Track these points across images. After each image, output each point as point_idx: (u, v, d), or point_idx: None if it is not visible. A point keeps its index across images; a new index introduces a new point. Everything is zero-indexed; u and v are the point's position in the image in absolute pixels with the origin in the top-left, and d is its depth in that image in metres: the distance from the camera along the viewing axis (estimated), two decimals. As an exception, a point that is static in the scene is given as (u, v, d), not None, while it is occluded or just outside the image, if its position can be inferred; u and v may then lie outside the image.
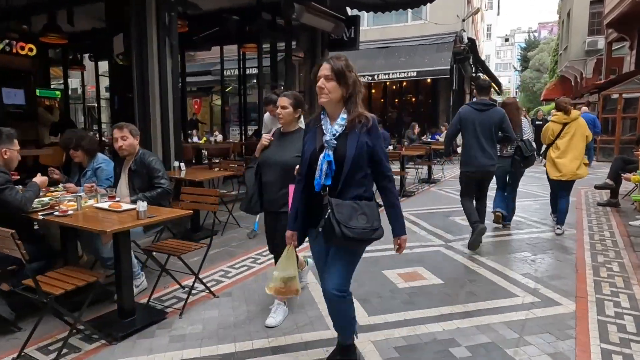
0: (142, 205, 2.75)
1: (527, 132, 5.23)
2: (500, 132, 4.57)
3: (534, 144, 5.23)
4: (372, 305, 3.27)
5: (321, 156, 2.08)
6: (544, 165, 5.42)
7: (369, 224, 2.09)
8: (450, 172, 10.95)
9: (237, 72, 14.64)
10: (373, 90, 18.17)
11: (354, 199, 2.11)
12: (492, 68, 53.11)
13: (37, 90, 8.84)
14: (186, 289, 3.47)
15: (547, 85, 31.24)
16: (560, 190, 5.23)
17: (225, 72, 14.90)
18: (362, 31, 16.81)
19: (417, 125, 14.00)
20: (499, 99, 41.26)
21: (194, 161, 6.90)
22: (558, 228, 5.21)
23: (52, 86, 11.67)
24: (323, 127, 2.15)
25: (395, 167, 8.46)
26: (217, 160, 7.80)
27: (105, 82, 11.90)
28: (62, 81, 10.69)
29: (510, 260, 4.28)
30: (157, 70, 5.12)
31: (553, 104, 32.07)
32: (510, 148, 5.09)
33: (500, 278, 3.77)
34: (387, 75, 14.35)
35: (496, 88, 23.70)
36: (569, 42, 22.90)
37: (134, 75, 5.11)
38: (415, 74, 13.97)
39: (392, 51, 15.23)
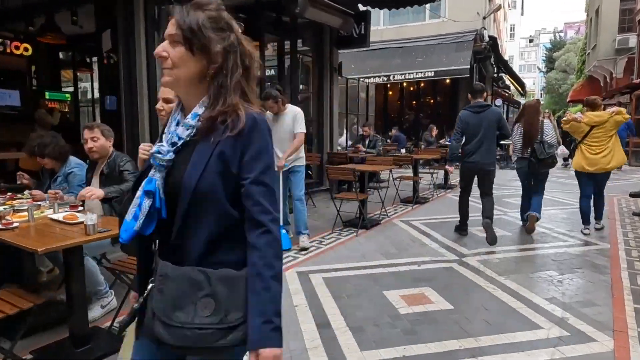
0: (90, 219, 2.35)
1: (549, 135, 5.05)
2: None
3: (555, 147, 5.15)
4: (366, 336, 2.78)
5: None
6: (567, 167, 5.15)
7: (216, 318, 1.07)
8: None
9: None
10: (390, 92, 17.63)
11: (200, 264, 1.10)
12: (515, 69, 51.76)
13: (47, 93, 8.72)
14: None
15: (574, 86, 29.99)
16: (591, 187, 5.16)
17: None
18: (378, 31, 16.35)
19: (434, 128, 13.36)
20: (523, 100, 40.10)
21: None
22: (597, 222, 5.33)
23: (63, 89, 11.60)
24: (166, 130, 1.22)
25: (408, 171, 7.93)
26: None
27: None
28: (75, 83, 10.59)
29: (533, 281, 3.72)
30: (145, 68, 4.77)
31: (580, 106, 30.86)
32: (530, 150, 5.03)
33: (520, 304, 3.22)
34: (403, 76, 13.79)
35: (519, 89, 22.79)
36: (598, 40, 21.84)
37: (121, 73, 4.76)
38: (432, 74, 13.37)
39: (409, 51, 14.66)
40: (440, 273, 3.93)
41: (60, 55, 8.44)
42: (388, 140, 14.04)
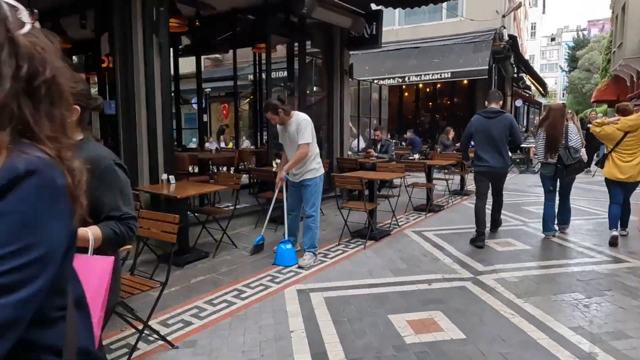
0: None
1: (574, 139, 4.99)
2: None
3: (582, 152, 5.12)
4: (366, 371, 2.49)
5: None
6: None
7: None
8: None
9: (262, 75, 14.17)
10: (406, 93, 17.23)
11: None
12: (536, 69, 50.59)
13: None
14: (145, 333, 2.82)
15: (599, 85, 28.97)
16: (621, 194, 4.99)
17: (249, 76, 14.55)
18: (393, 31, 15.99)
19: (451, 130, 12.92)
20: (544, 101, 39.06)
21: (196, 171, 6.34)
22: (622, 229, 5.13)
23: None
24: None
25: (420, 178, 7.58)
26: (224, 170, 7.25)
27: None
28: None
29: (557, 306, 3.36)
30: (143, 72, 4.58)
31: (605, 106, 29.79)
32: (555, 154, 4.97)
33: (542, 334, 2.88)
34: (418, 77, 13.40)
35: (541, 89, 22.09)
36: (624, 38, 20.95)
37: (118, 77, 4.59)
38: (449, 75, 12.95)
39: (425, 51, 14.26)
40: (452, 294, 3.61)
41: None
42: (403, 144, 13.69)
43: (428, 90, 16.71)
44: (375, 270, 4.18)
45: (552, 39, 75.28)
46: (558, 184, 5.21)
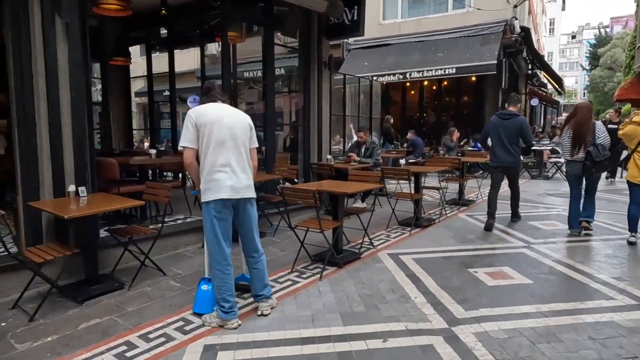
0: None
1: (601, 137, 4.99)
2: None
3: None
4: None
5: None
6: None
7: None
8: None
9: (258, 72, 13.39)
10: (412, 92, 16.12)
11: None
12: (555, 67, 48.89)
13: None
14: None
15: (622, 84, 27.31)
16: None
17: (245, 74, 13.69)
18: (396, 24, 14.92)
19: (455, 131, 11.83)
20: (562, 100, 37.34)
21: (137, 178, 5.40)
22: (632, 235, 4.94)
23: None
24: None
25: (406, 186, 6.54)
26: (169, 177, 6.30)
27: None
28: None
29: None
30: (42, 60, 3.70)
31: (629, 105, 28.12)
32: (582, 152, 5.02)
33: None
34: (420, 74, 12.31)
35: (557, 87, 20.70)
36: (650, 32, 19.45)
37: (10, 65, 3.71)
38: (454, 70, 11.83)
39: (429, 45, 13.15)
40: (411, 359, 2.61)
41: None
42: (404, 145, 12.63)
43: (434, 87, 15.57)
44: (321, 315, 3.20)
45: (573, 37, 72.90)
46: (584, 181, 5.29)
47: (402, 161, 6.32)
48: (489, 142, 5.86)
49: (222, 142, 2.92)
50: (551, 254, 4.59)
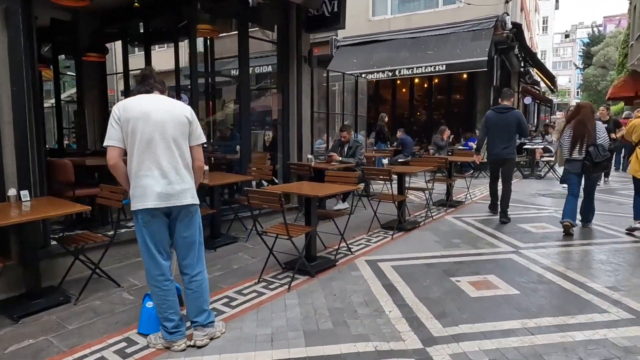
0: None
1: (602, 137, 5.01)
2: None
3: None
4: None
5: None
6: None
7: None
8: (481, 190, 8.48)
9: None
10: (403, 89, 15.79)
11: None
12: (549, 66, 48.81)
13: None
14: None
15: (615, 82, 27.18)
16: None
17: (232, 71, 13.30)
18: (385, 20, 14.58)
19: (446, 130, 11.57)
20: (555, 99, 37.14)
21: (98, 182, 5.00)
22: (638, 222, 5.07)
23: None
24: None
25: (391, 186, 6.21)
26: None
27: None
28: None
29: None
30: (-25, 50, 3.33)
31: (622, 104, 27.95)
32: (582, 151, 5.03)
33: None
34: (410, 71, 11.98)
35: (550, 85, 20.47)
36: (643, 29, 19.27)
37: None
38: (443, 67, 11.51)
39: (419, 42, 12.83)
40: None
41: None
42: (394, 144, 12.31)
43: (425, 85, 15.26)
44: (282, 334, 2.85)
45: (566, 36, 73.07)
46: (583, 181, 5.26)
47: (385, 160, 5.97)
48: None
49: (148, 141, 2.50)
50: (541, 260, 4.28)
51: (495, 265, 4.14)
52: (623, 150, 11.62)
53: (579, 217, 5.40)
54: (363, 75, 12.61)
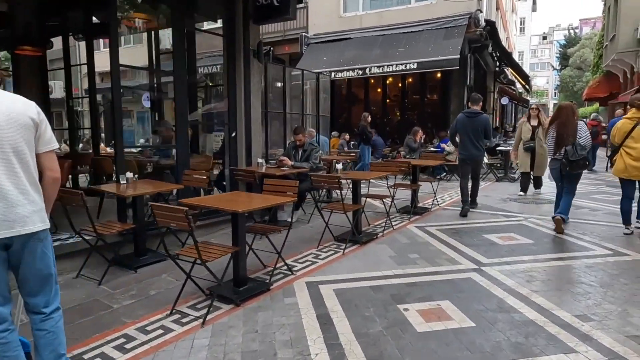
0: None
1: (583, 137, 5.12)
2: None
3: (587, 149, 5.13)
4: None
5: None
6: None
7: None
8: (450, 195, 8.00)
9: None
10: (377, 89, 15.31)
11: None
12: (526, 67, 49.22)
13: None
14: None
15: (590, 83, 27.33)
16: (634, 188, 5.11)
17: (201, 69, 12.59)
18: (357, 17, 14.05)
19: (419, 131, 11.08)
20: (532, 99, 37.38)
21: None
22: (627, 228, 5.11)
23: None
24: None
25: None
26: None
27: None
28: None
29: None
30: None
31: (597, 105, 28.14)
32: (562, 152, 5.14)
33: None
34: (380, 69, 11.49)
35: (524, 83, 20.28)
36: (617, 30, 19.26)
37: None
38: (415, 66, 11.05)
39: (391, 39, 12.36)
40: None
41: None
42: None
43: (399, 85, 14.82)
44: (169, 393, 2.25)
45: (544, 38, 74.11)
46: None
47: (339, 165, 5.40)
48: (457, 138, 6.54)
49: None
50: (504, 280, 3.76)
51: (452, 288, 3.60)
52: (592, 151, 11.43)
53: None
54: (333, 74, 12.08)
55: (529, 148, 7.64)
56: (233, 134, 5.68)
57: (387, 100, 14.96)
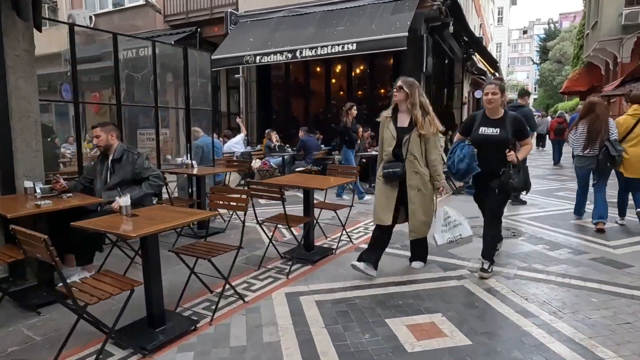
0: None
1: (614, 133, 5.00)
2: None
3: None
4: None
5: None
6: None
7: None
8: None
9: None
10: (319, 78, 12.87)
11: None
12: (505, 61, 47.55)
13: None
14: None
15: (570, 75, 25.53)
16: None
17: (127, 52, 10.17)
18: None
19: (361, 129, 8.84)
20: (510, 95, 35.73)
21: None
22: (621, 219, 5.32)
23: None
24: None
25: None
26: None
27: None
28: None
29: None
30: None
31: (577, 99, 26.28)
32: (595, 148, 5.05)
33: None
34: (313, 51, 9.17)
35: (491, 70, 18.14)
36: (600, 16, 17.37)
37: None
38: (354, 47, 8.76)
39: (330, 16, 10.06)
40: None
41: None
42: (294, 148, 9.52)
43: (345, 74, 12.35)
44: None
45: (524, 32, 73.18)
46: (591, 177, 5.33)
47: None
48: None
49: None
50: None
51: None
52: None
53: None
54: (258, 59, 9.74)
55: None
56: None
57: (331, 93, 12.44)
